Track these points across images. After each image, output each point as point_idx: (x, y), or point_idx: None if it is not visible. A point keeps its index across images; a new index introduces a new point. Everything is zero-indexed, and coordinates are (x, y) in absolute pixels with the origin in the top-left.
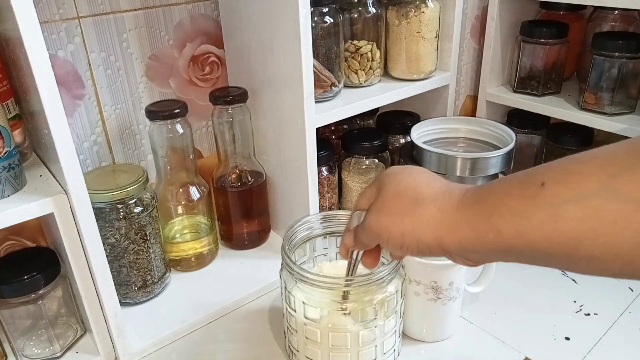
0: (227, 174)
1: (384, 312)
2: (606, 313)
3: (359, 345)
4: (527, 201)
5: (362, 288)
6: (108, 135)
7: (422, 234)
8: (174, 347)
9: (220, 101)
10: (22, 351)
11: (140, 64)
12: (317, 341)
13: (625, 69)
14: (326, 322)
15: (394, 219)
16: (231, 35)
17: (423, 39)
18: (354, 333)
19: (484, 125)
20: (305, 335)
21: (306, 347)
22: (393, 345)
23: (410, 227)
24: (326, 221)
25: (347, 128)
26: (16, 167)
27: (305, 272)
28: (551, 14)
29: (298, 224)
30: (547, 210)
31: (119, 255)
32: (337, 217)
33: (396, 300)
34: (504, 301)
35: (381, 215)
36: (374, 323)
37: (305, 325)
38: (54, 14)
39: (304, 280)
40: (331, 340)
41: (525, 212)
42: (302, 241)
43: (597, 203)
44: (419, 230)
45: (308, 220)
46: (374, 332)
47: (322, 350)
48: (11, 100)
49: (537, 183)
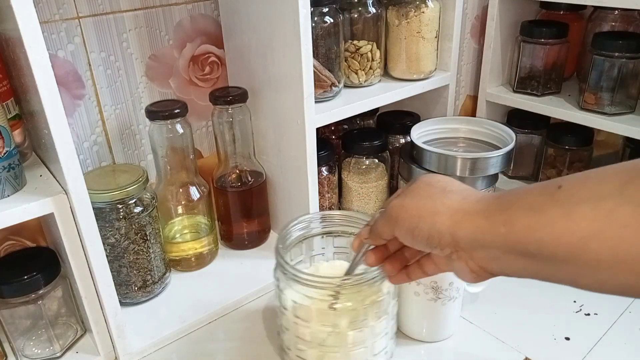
0: (227, 174)
1: (375, 313)
2: (606, 313)
3: (349, 345)
4: (544, 198)
5: (353, 288)
6: (108, 135)
7: (439, 219)
8: (174, 347)
9: (220, 101)
10: (22, 351)
11: (140, 64)
12: (307, 340)
13: (625, 69)
14: (316, 322)
15: (416, 202)
16: (231, 35)
17: (423, 39)
18: (344, 333)
19: (484, 125)
20: (296, 334)
21: (297, 346)
22: (385, 347)
23: (430, 210)
24: (323, 221)
25: (347, 128)
26: (16, 167)
27: (297, 271)
28: (551, 14)
29: (293, 224)
30: (561, 208)
31: (119, 255)
32: (332, 218)
33: (388, 301)
34: (504, 301)
35: (406, 198)
36: (365, 324)
37: (296, 324)
38: (54, 14)
39: (296, 279)
40: (321, 340)
41: (540, 208)
42: (298, 240)
43: (610, 206)
44: (437, 214)
45: (303, 219)
46: (364, 333)
47: (312, 350)
48: (11, 100)
49: (555, 185)
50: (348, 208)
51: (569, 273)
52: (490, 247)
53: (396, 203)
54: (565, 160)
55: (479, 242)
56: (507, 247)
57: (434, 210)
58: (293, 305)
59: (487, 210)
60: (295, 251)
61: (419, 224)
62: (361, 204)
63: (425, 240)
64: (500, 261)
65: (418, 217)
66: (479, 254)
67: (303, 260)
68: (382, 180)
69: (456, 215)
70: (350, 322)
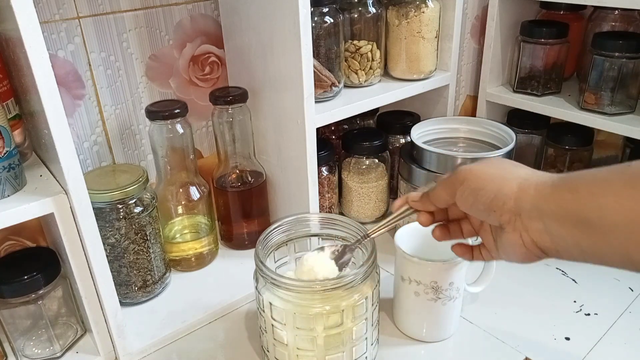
0: (227, 174)
1: (353, 318)
2: (606, 313)
3: (325, 349)
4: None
5: (329, 293)
6: (108, 135)
7: (507, 184)
8: (174, 347)
9: (221, 101)
10: (22, 351)
11: (140, 64)
12: (284, 343)
13: (625, 69)
14: (292, 325)
15: (487, 169)
16: (231, 35)
17: (423, 39)
18: (320, 337)
19: (483, 125)
20: (273, 336)
21: (275, 348)
22: (364, 353)
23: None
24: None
25: (347, 128)
26: (16, 167)
27: (274, 274)
28: (551, 14)
29: (275, 226)
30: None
31: (119, 255)
32: (316, 220)
33: (366, 307)
34: (504, 301)
35: (475, 166)
36: (341, 328)
37: (273, 326)
38: (54, 14)
39: (274, 282)
40: (298, 342)
41: (607, 179)
42: (282, 242)
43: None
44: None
45: (286, 222)
46: (341, 338)
47: (289, 352)
48: (11, 100)
49: (625, 164)
50: (348, 208)
51: (624, 246)
52: (550, 217)
53: (465, 168)
54: (565, 160)
55: (540, 211)
56: (568, 216)
57: (503, 176)
58: (270, 308)
59: (555, 181)
60: (283, 251)
61: (486, 185)
62: (361, 204)
63: (488, 203)
64: (555, 236)
65: (486, 180)
66: (536, 225)
67: (288, 261)
68: (382, 180)
69: (524, 184)
70: (326, 327)
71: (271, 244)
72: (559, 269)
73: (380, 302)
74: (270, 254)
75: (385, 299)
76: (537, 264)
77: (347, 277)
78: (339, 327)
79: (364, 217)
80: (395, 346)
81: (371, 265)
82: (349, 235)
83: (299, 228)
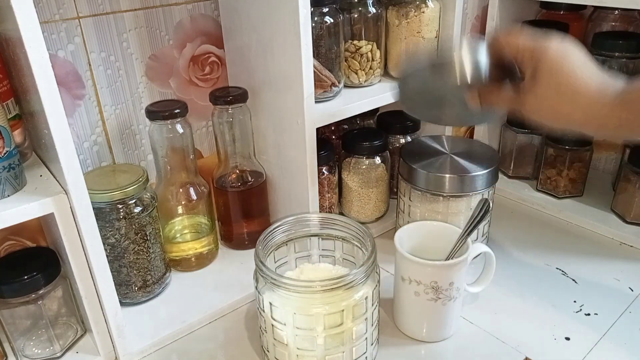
0: (227, 174)
1: (352, 318)
2: (606, 313)
3: (325, 349)
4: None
5: (329, 293)
6: (108, 135)
7: (566, 60)
8: (174, 347)
9: (221, 101)
10: (22, 351)
11: (140, 64)
12: (284, 343)
13: (625, 69)
14: (292, 325)
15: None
16: (231, 35)
17: (423, 39)
18: (320, 337)
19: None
20: (273, 336)
21: (275, 348)
22: (364, 353)
23: (562, 55)
24: (308, 224)
25: (347, 128)
26: (16, 167)
27: (274, 274)
28: (551, 14)
29: (276, 226)
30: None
31: (119, 255)
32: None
33: (366, 307)
34: (504, 301)
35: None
36: (341, 328)
37: (273, 326)
38: (54, 14)
39: (274, 282)
40: (298, 342)
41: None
42: (282, 242)
43: None
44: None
45: (285, 222)
46: (341, 338)
47: (289, 352)
48: (11, 100)
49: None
50: (348, 208)
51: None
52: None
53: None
54: (565, 160)
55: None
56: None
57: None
58: (270, 308)
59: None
60: (283, 251)
61: (549, 54)
62: (361, 203)
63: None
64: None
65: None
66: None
67: (288, 261)
68: (382, 181)
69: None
70: (326, 327)
71: (271, 244)
72: (559, 269)
73: (380, 302)
74: (270, 254)
75: (385, 299)
76: (537, 264)
77: (347, 277)
78: (339, 327)
79: (364, 217)
80: (395, 346)
81: (371, 265)
82: (349, 235)
83: (299, 228)
